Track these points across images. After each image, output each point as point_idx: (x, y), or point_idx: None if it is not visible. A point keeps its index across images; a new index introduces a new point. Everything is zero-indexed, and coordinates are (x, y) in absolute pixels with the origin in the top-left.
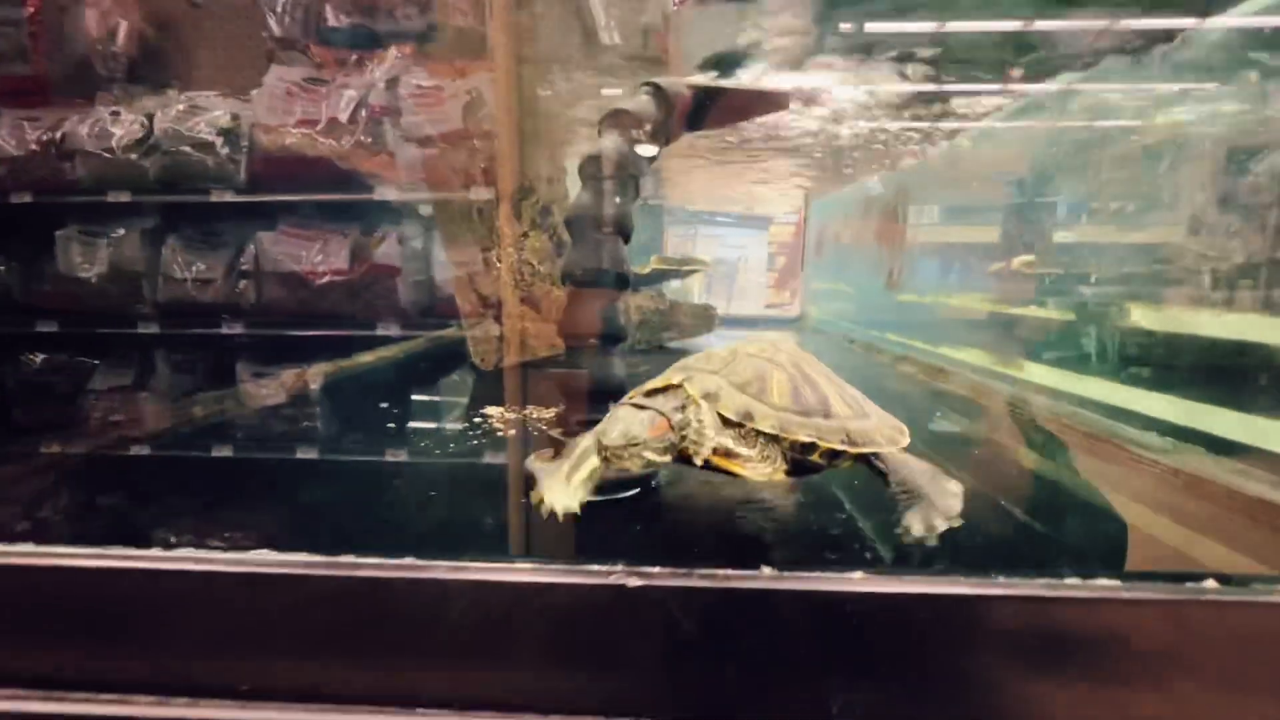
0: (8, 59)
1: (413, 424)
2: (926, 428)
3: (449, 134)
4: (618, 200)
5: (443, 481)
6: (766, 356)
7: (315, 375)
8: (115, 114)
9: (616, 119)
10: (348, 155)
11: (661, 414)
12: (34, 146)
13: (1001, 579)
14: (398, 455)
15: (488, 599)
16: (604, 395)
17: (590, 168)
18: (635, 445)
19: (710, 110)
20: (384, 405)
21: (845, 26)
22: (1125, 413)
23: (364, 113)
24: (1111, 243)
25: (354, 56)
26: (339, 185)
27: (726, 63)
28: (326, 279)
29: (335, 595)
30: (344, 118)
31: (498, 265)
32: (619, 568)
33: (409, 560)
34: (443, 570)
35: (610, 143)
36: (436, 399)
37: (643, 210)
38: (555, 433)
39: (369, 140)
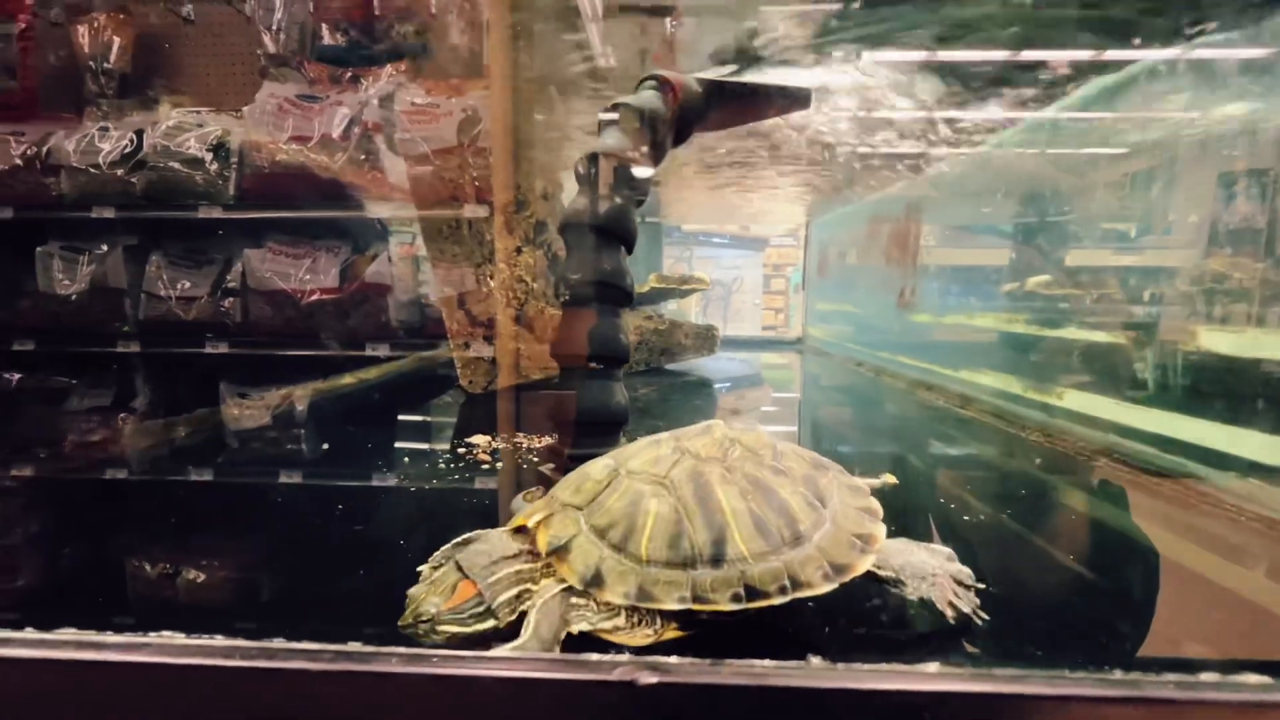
0: None
1: (394, 454)
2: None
3: (444, 150)
4: (619, 204)
5: (414, 527)
6: (657, 475)
7: (300, 397)
8: (104, 129)
9: (619, 114)
10: (340, 172)
11: (468, 577)
12: (18, 161)
13: (1119, 675)
14: (385, 480)
15: (449, 700)
16: (602, 424)
17: (589, 167)
18: (425, 622)
19: (724, 107)
20: (366, 431)
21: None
22: (1190, 447)
23: (357, 129)
24: (1159, 255)
25: (348, 74)
26: (330, 202)
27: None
28: (315, 297)
29: (255, 691)
30: (337, 134)
31: (489, 283)
32: (624, 659)
33: (351, 647)
34: (394, 662)
35: (612, 140)
36: (422, 423)
37: (640, 227)
38: (546, 468)
39: (362, 157)
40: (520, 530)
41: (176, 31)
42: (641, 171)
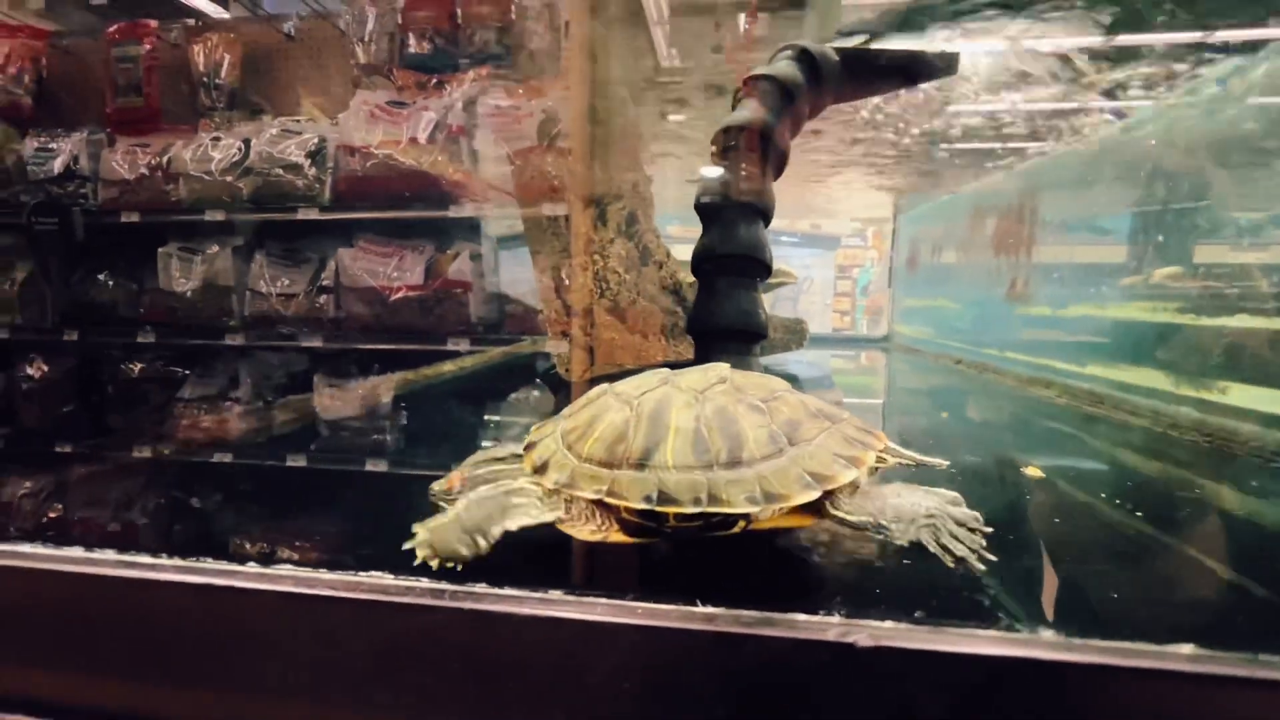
0: (125, 91)
1: (490, 439)
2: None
3: (525, 150)
4: (758, 177)
5: None
6: (630, 397)
7: (388, 388)
8: (216, 139)
9: (757, 85)
10: (426, 173)
11: (460, 472)
12: (144, 170)
13: None
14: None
15: (654, 651)
16: None
17: (727, 140)
18: (433, 497)
19: (861, 77)
20: (460, 419)
21: None
22: None
23: (442, 133)
24: None
25: (434, 80)
26: (416, 203)
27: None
28: (402, 294)
29: (435, 633)
30: (423, 138)
31: (581, 274)
32: (837, 620)
33: (553, 594)
34: (599, 610)
35: (749, 112)
36: (516, 413)
37: None
38: None
39: (447, 159)
40: None
41: (279, 47)
42: (780, 142)
